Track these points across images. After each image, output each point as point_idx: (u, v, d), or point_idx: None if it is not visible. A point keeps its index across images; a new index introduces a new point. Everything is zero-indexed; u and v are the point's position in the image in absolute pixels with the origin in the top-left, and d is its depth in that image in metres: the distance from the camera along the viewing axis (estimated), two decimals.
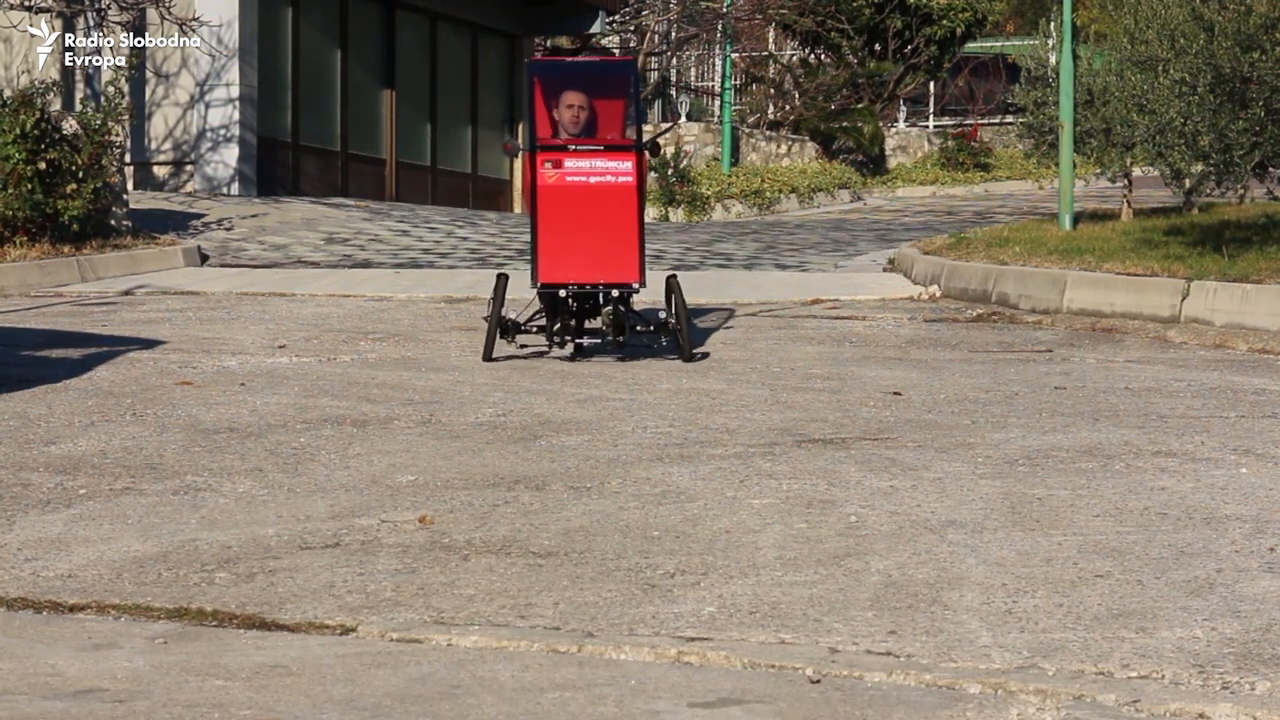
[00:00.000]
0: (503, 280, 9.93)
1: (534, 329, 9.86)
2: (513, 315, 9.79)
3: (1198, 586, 4.98)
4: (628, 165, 9.81)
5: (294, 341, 10.45)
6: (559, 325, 9.71)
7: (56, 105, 16.75)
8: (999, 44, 34.86)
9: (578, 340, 9.77)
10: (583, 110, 10.11)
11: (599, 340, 9.74)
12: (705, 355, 10.02)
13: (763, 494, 6.25)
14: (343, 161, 23.38)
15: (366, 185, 23.53)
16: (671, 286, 9.89)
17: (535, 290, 9.78)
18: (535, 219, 9.80)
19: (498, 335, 9.70)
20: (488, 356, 9.63)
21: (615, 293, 9.67)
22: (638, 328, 9.79)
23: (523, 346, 10.15)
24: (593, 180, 9.76)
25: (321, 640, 4.66)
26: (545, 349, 10.11)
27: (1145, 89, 12.74)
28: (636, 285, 9.70)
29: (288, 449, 7.15)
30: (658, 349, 10.05)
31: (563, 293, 9.65)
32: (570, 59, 10.30)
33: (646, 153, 9.98)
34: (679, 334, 9.67)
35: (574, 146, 9.84)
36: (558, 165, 9.76)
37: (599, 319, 9.80)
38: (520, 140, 11.46)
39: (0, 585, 5.20)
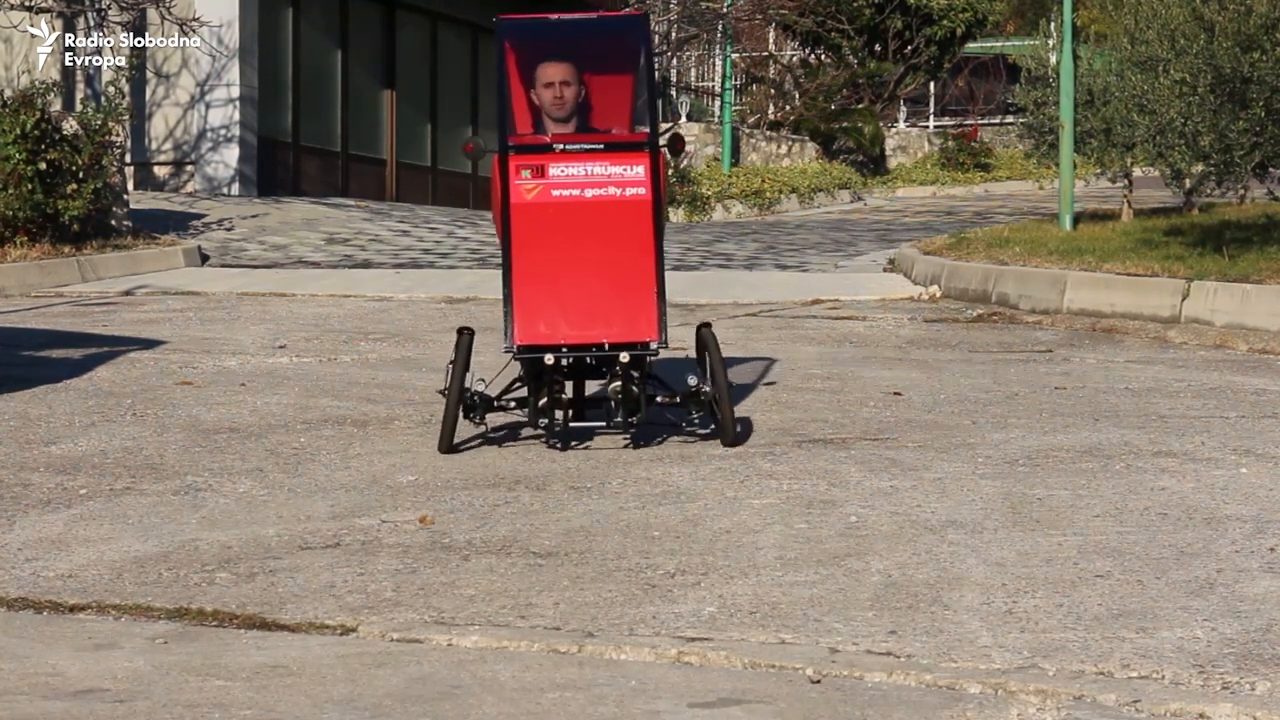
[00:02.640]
0: (466, 339, 7.18)
1: (511, 404, 7.26)
2: (481, 384, 7.18)
3: (1198, 586, 4.98)
4: (639, 171, 7.14)
5: (294, 342, 10.45)
6: (545, 400, 7.08)
7: (57, 105, 16.76)
8: (999, 44, 34.85)
9: (572, 423, 7.22)
10: (568, 88, 7.40)
11: (602, 423, 7.19)
12: (747, 427, 7.51)
13: (763, 494, 6.25)
14: (343, 162, 23.38)
15: (367, 185, 23.53)
16: (704, 341, 7.26)
17: (510, 354, 7.11)
18: (508, 251, 7.13)
19: (459, 415, 7.07)
20: (447, 446, 7.04)
21: (625, 356, 7.02)
22: (658, 398, 7.23)
23: (491, 434, 7.50)
24: (590, 194, 7.13)
25: (322, 640, 4.66)
26: (528, 425, 7.40)
27: (1145, 89, 12.75)
28: (655, 345, 7.06)
29: (288, 449, 7.15)
30: (680, 419, 7.41)
31: (549, 358, 6.99)
32: (555, 16, 7.58)
33: (665, 152, 7.38)
34: (717, 405, 7.12)
35: (562, 146, 7.15)
36: (539, 173, 7.12)
37: (608, 382, 7.16)
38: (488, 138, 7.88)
39: (0, 585, 5.20)
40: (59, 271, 14.57)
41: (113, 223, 16.07)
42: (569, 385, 7.32)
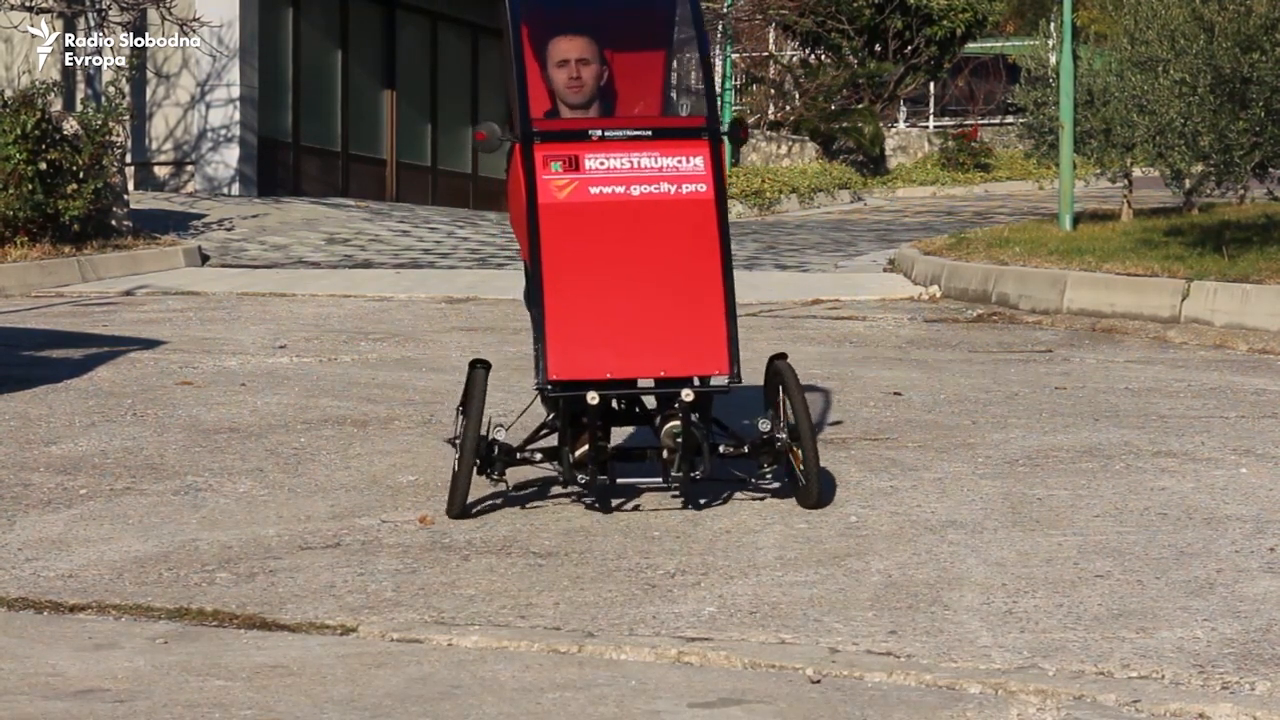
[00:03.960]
0: (480, 376, 5.94)
1: (537, 455, 6.00)
2: (500, 430, 5.91)
3: (1198, 586, 4.98)
4: (698, 164, 5.94)
5: (294, 342, 10.45)
6: (584, 449, 5.84)
7: (57, 105, 16.76)
8: (999, 44, 34.85)
9: (620, 480, 5.89)
10: (586, 67, 6.16)
11: (659, 480, 5.91)
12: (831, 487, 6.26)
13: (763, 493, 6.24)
14: (343, 162, 23.38)
15: (367, 185, 23.53)
16: (779, 375, 5.98)
17: (542, 391, 5.89)
18: (537, 263, 5.88)
19: (474, 470, 5.83)
20: (459, 509, 5.88)
21: (688, 394, 5.73)
22: (721, 448, 5.93)
23: (512, 492, 6.18)
24: (637, 192, 5.90)
25: (322, 640, 4.66)
26: (557, 480, 6.10)
27: (1145, 89, 12.75)
28: (727, 380, 5.81)
29: (288, 449, 7.15)
30: (748, 472, 6.04)
31: (593, 396, 5.68)
32: None
33: (725, 140, 6.08)
34: (794, 456, 5.90)
35: (601, 132, 5.95)
36: (572, 166, 5.89)
37: (659, 424, 5.91)
38: (503, 124, 6.19)
39: (1, 585, 5.20)
40: (59, 271, 14.57)
41: (113, 223, 16.07)
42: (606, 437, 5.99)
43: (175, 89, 21.25)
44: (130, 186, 18.19)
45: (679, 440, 5.77)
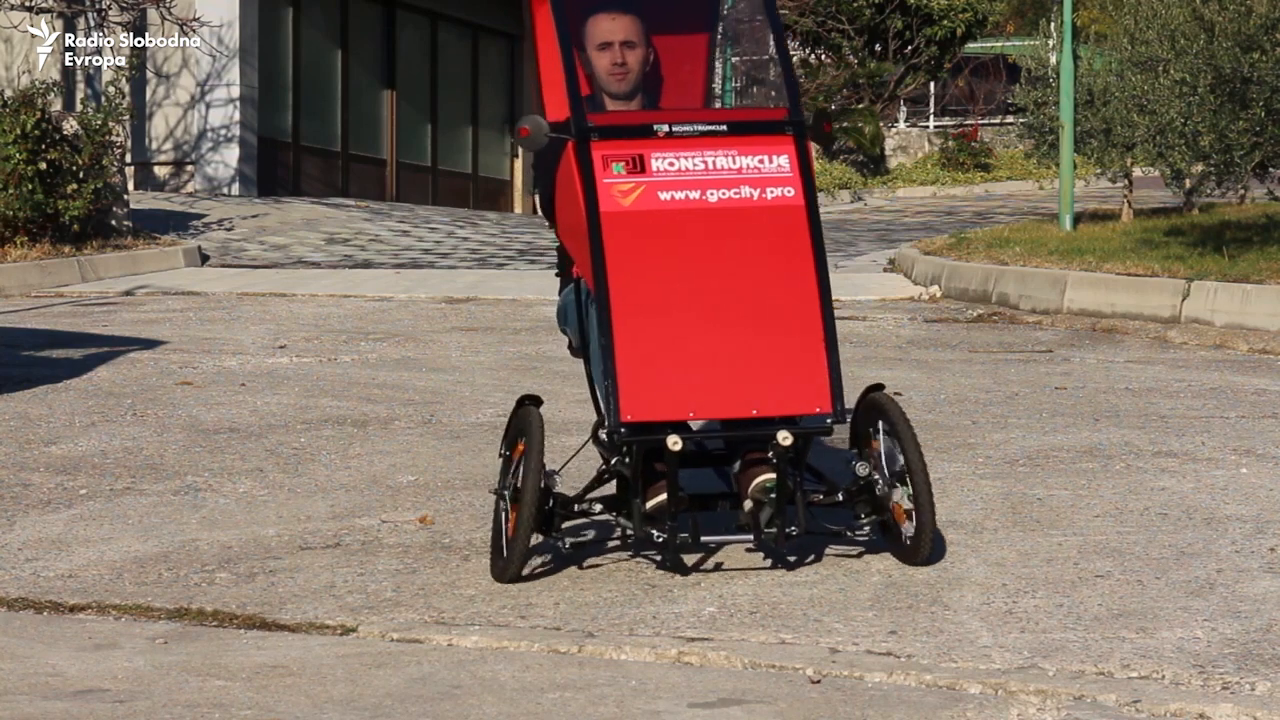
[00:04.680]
0: (534, 415, 5.17)
1: (597, 507, 5.25)
2: (556, 478, 5.14)
3: (1198, 586, 4.98)
4: (783, 163, 5.19)
5: (294, 342, 10.45)
6: (659, 500, 5.08)
7: (57, 105, 16.76)
8: (999, 44, 34.85)
9: (704, 536, 5.12)
10: (632, 51, 5.39)
11: (747, 537, 5.17)
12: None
13: None
14: (343, 162, 23.39)
15: (367, 185, 23.54)
16: (881, 409, 5.19)
17: (608, 436, 5.09)
18: (601, 283, 5.05)
19: (533, 528, 5.05)
20: (511, 574, 5.10)
21: (785, 436, 4.95)
22: (815, 496, 5.21)
23: (569, 547, 5.22)
24: (715, 198, 5.11)
25: (322, 640, 4.66)
26: (610, 528, 5.46)
27: (1146, 89, 12.75)
28: (829, 419, 5.04)
29: (288, 449, 7.15)
30: (845, 523, 5.26)
31: (676, 442, 4.91)
32: None
33: (809, 136, 5.32)
34: (892, 503, 5.14)
35: (669, 126, 5.16)
36: (637, 167, 5.09)
37: (739, 471, 5.21)
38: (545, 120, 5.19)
39: (1, 585, 5.20)
40: (59, 271, 14.57)
41: (113, 223, 16.07)
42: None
43: (175, 89, 21.25)
44: (130, 186, 18.19)
45: (771, 494, 5.00)
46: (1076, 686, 4.13)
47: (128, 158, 17.78)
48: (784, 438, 4.93)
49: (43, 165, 14.88)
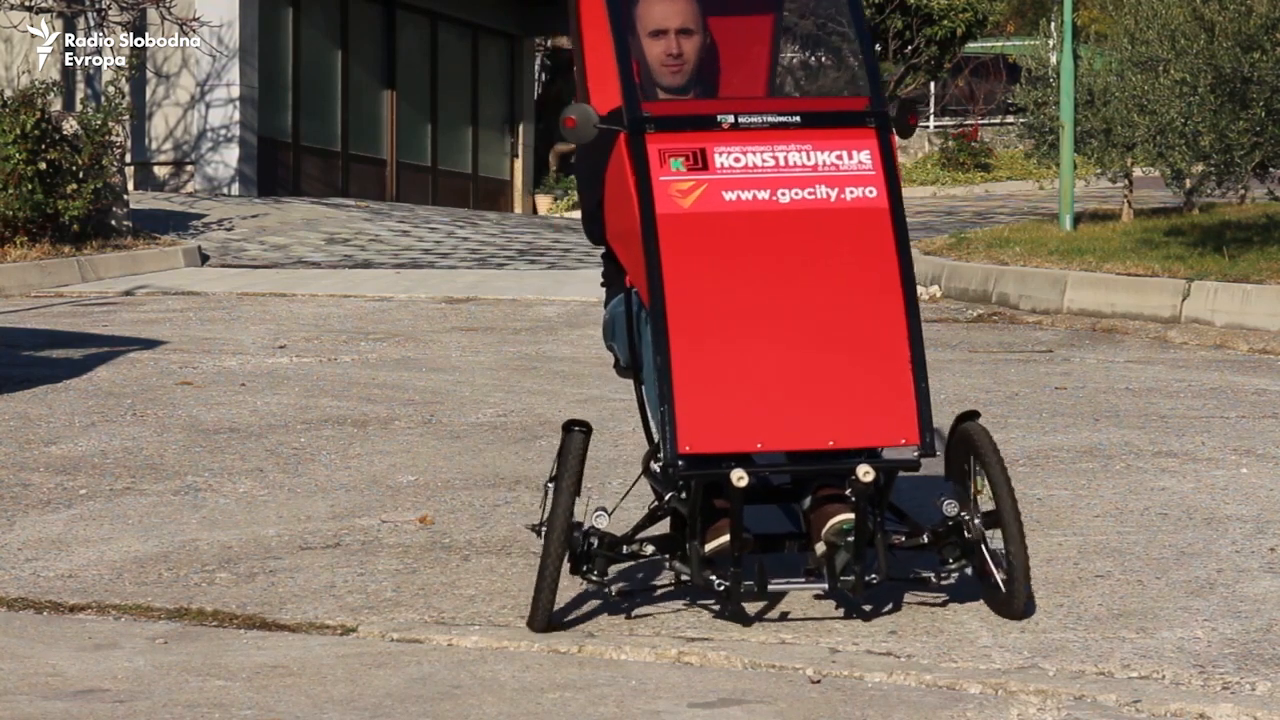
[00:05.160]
0: (578, 441, 4.61)
1: (648, 547, 4.68)
2: (601, 516, 4.60)
3: (1198, 586, 4.98)
4: (864, 160, 4.62)
5: (294, 342, 10.44)
6: (720, 542, 4.54)
7: (57, 105, 16.76)
8: (999, 44, 34.85)
9: (772, 583, 4.55)
10: (688, 39, 4.83)
11: (822, 586, 4.62)
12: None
13: None
14: (343, 162, 23.39)
15: (367, 185, 23.54)
16: (972, 441, 4.65)
17: (662, 469, 4.57)
18: (657, 294, 4.50)
19: (561, 568, 4.57)
20: (543, 623, 4.59)
21: (866, 471, 4.40)
22: (896, 538, 4.67)
23: (615, 593, 4.77)
24: (787, 199, 4.57)
25: (322, 640, 4.66)
26: (690, 580, 4.66)
27: (1146, 89, 12.75)
28: (915, 453, 4.50)
29: (288, 449, 7.15)
30: (931, 567, 4.73)
31: (741, 477, 4.37)
32: None
33: (893, 129, 4.70)
34: (985, 548, 4.62)
35: (735, 117, 4.61)
36: (697, 163, 4.56)
37: (809, 510, 4.69)
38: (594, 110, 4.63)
39: (0, 585, 5.20)
40: (59, 271, 14.57)
41: (113, 223, 16.07)
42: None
43: (175, 89, 21.25)
44: (130, 186, 18.19)
45: (848, 537, 4.48)
46: (1076, 686, 4.13)
47: (128, 158, 17.78)
48: (865, 473, 4.36)
49: (42, 165, 14.88)
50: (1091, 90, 16.10)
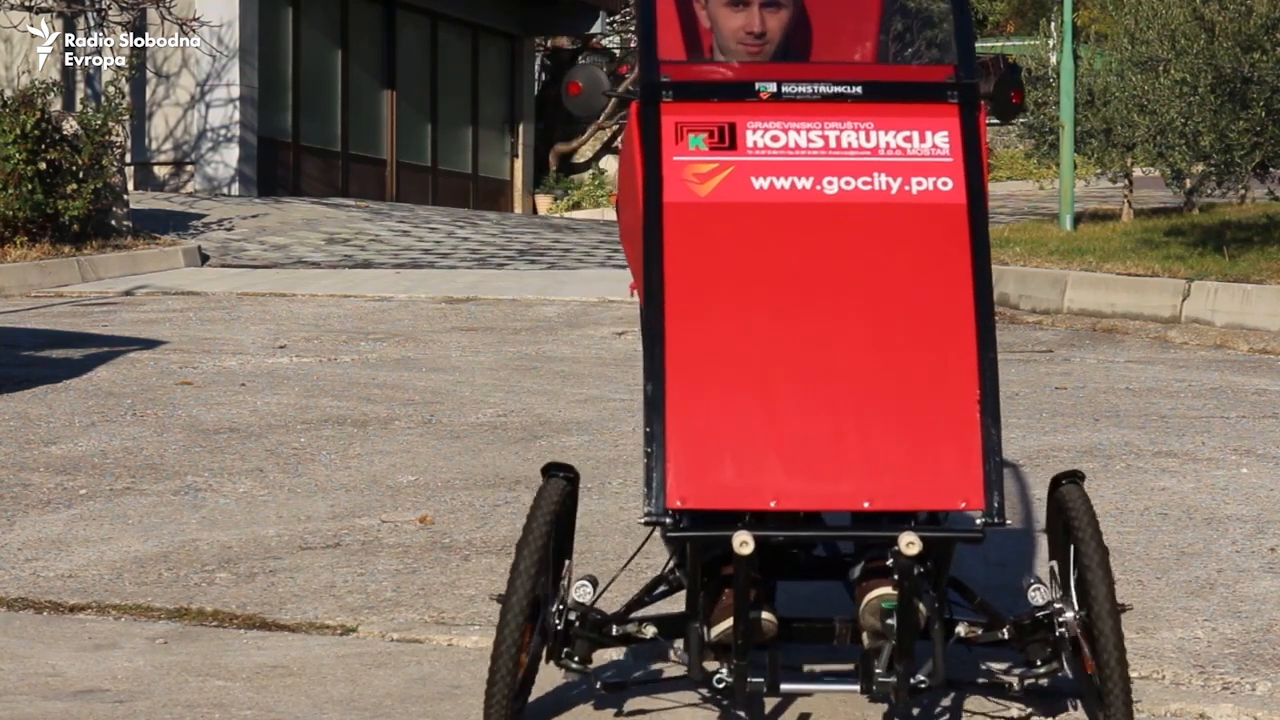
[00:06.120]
0: (554, 490, 3.80)
1: (647, 629, 3.76)
2: (585, 588, 3.76)
3: (1198, 587, 4.98)
4: (940, 143, 3.70)
5: (294, 342, 10.44)
6: (726, 625, 3.62)
7: (57, 105, 16.76)
8: (999, 44, 34.85)
9: (785, 684, 3.59)
10: (774, 14, 3.94)
11: (854, 686, 3.57)
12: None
13: None
14: (343, 162, 23.39)
15: (367, 185, 23.53)
16: (1067, 510, 3.70)
17: (655, 525, 3.59)
18: (657, 304, 3.63)
19: (524, 654, 3.66)
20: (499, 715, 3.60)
21: (911, 542, 3.42)
22: (962, 629, 3.71)
23: (604, 684, 4.03)
24: (834, 189, 3.68)
25: (322, 640, 4.66)
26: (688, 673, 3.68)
27: (1146, 89, 12.75)
28: (979, 520, 3.57)
29: (288, 449, 7.15)
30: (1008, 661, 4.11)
31: (744, 542, 3.43)
32: None
33: (984, 106, 3.79)
34: (1089, 646, 3.63)
35: (777, 85, 3.73)
36: (723, 140, 3.70)
37: (858, 582, 3.79)
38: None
39: (1, 585, 5.20)
40: (59, 271, 14.57)
41: (113, 223, 16.07)
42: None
43: (175, 89, 21.25)
44: (130, 186, 18.19)
45: (890, 620, 3.49)
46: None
47: (128, 158, 17.77)
48: (908, 544, 3.36)
49: (43, 165, 14.88)
50: (1091, 90, 16.11)
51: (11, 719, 3.99)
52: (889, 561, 3.48)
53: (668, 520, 3.52)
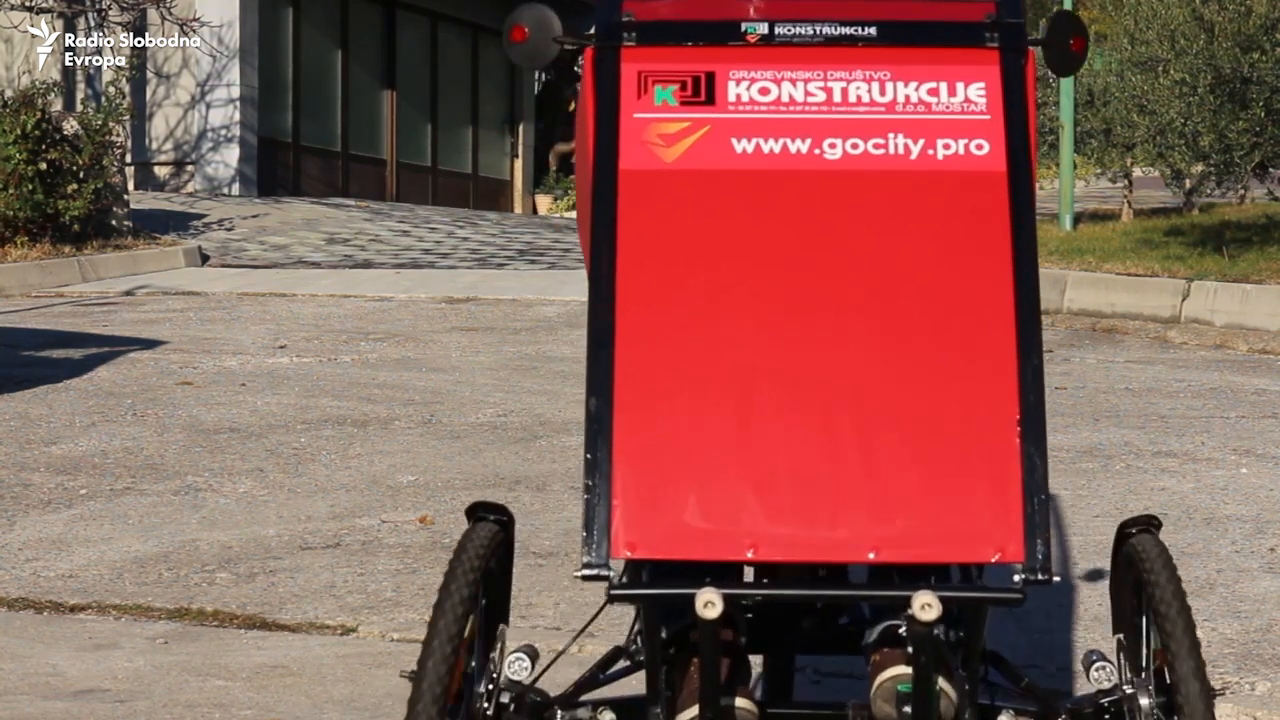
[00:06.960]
0: (482, 536, 3.02)
1: (604, 714, 2.87)
2: (522, 663, 2.99)
3: (1198, 586, 4.98)
4: (976, 95, 2.79)
5: (294, 342, 10.45)
6: (693, 714, 2.64)
7: (57, 105, 16.76)
8: None
9: None
10: None
11: None
12: None
13: None
14: (343, 162, 23.39)
15: (367, 185, 23.54)
16: (1141, 564, 2.71)
17: (595, 581, 2.77)
18: (606, 298, 2.71)
19: None
20: None
21: (928, 604, 2.47)
22: (1002, 716, 2.75)
23: None
24: (837, 152, 2.78)
25: (322, 640, 4.66)
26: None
27: (1146, 89, 12.75)
28: (1020, 575, 2.57)
29: (288, 449, 7.15)
30: None
31: (710, 602, 2.49)
32: None
33: (1032, 54, 2.83)
34: None
35: (768, 26, 2.83)
36: (701, 93, 2.82)
37: (872, 649, 2.77)
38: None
39: (1, 585, 5.20)
40: (59, 271, 14.57)
41: (113, 223, 16.07)
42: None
43: (175, 89, 21.25)
44: (130, 186, 18.20)
45: (906, 706, 2.65)
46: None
47: (128, 158, 17.78)
48: (923, 607, 2.50)
49: (43, 165, 14.88)
50: (1091, 90, 16.12)
51: (12, 719, 4.00)
52: (902, 630, 2.65)
53: (609, 574, 2.73)
